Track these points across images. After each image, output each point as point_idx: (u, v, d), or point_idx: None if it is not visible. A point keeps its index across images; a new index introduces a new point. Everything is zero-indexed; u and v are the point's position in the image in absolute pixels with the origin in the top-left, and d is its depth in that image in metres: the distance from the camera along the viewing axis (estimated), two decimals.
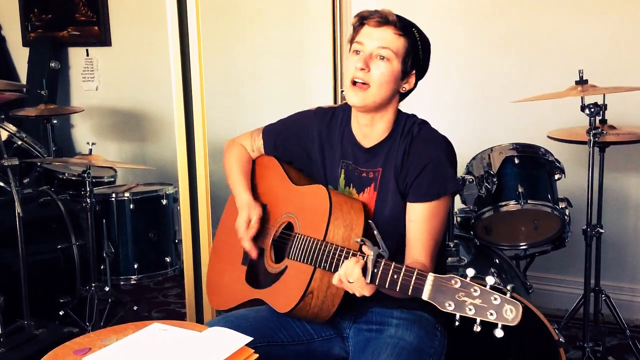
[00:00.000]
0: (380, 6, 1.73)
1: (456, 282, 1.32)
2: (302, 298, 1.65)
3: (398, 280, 1.42)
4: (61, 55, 4.83)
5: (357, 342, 1.78)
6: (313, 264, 1.65)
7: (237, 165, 2.02)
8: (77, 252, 3.17)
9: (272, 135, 1.98)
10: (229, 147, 2.08)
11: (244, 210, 1.91)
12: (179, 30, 2.36)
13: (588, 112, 2.52)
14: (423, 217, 1.67)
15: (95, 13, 4.64)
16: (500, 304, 1.26)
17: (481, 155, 2.72)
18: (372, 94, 1.68)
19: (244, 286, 1.88)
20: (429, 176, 1.67)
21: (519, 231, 2.75)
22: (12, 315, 2.72)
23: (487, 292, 1.28)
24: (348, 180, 1.81)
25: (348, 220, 1.67)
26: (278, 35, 4.03)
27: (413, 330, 1.72)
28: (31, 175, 3.67)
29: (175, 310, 3.53)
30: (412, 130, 1.75)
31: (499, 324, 1.26)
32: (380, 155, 1.76)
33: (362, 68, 1.67)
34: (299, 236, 1.73)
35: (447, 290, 1.32)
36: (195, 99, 2.39)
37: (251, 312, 1.84)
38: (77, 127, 4.92)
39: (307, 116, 1.93)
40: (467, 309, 1.28)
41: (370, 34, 1.68)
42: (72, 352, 1.57)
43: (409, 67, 1.70)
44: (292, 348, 1.79)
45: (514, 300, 1.26)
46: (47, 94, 4.04)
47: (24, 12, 4.92)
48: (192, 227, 2.47)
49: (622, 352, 2.92)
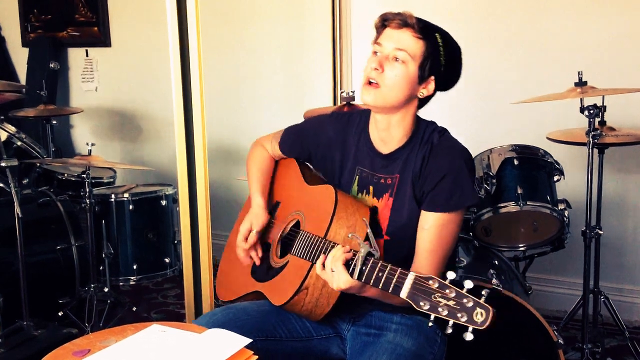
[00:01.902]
0: (381, 7, 1.73)
1: (434, 282, 1.34)
2: (296, 293, 1.67)
3: (382, 278, 1.44)
4: (61, 56, 4.83)
5: (354, 345, 1.78)
6: (311, 260, 1.66)
7: (256, 166, 2.05)
8: (77, 252, 3.16)
9: (288, 141, 2.01)
10: (252, 148, 2.12)
11: (249, 218, 1.93)
12: (178, 30, 2.35)
13: (587, 114, 2.52)
14: (435, 227, 1.66)
15: (95, 14, 4.64)
16: (472, 307, 1.28)
17: (480, 157, 2.73)
18: (383, 95, 1.67)
19: (248, 279, 1.91)
20: (448, 187, 1.66)
21: (518, 232, 2.75)
22: (11, 316, 2.72)
23: (461, 295, 1.30)
24: (362, 186, 1.80)
25: (352, 222, 1.68)
26: (278, 35, 4.03)
27: (412, 336, 1.71)
28: (30, 175, 3.67)
29: (175, 311, 3.53)
30: (432, 138, 1.73)
31: (470, 327, 1.28)
32: (398, 162, 1.75)
33: (376, 68, 1.67)
34: (303, 233, 1.75)
35: (425, 290, 1.35)
36: (194, 99, 2.39)
37: (253, 305, 1.85)
38: (77, 128, 4.92)
39: (325, 119, 1.93)
40: (440, 309, 1.31)
41: (390, 36, 1.67)
42: (71, 353, 1.57)
43: (426, 71, 1.67)
44: (290, 344, 1.80)
45: (485, 305, 1.28)
46: (46, 95, 4.03)
47: (23, 12, 4.92)
48: (192, 228, 2.47)
49: (621, 354, 2.92)
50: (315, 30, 3.81)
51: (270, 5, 4.04)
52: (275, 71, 4.08)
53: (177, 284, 3.78)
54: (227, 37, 4.13)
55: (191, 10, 2.33)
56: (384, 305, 1.70)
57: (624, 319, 2.90)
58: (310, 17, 3.89)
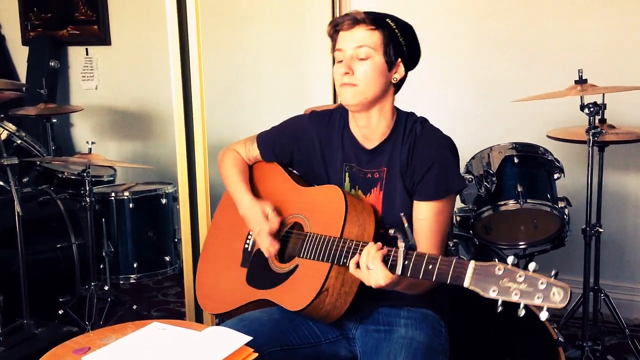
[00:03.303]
0: (380, 6, 1.73)
1: (499, 269, 1.32)
2: (317, 295, 1.65)
3: (434, 270, 1.42)
4: (61, 54, 4.83)
5: (366, 343, 1.76)
6: (330, 261, 1.65)
7: (234, 170, 1.99)
8: (77, 251, 3.16)
9: (270, 144, 1.96)
10: (224, 154, 2.05)
11: (255, 208, 1.87)
12: (178, 29, 2.36)
13: (587, 112, 2.52)
14: (431, 215, 1.69)
15: (95, 12, 4.64)
16: (548, 287, 1.27)
17: (480, 155, 2.73)
18: (360, 91, 1.69)
19: (245, 288, 1.86)
20: (436, 175, 1.68)
21: (518, 230, 2.75)
22: (11, 314, 2.73)
23: (532, 277, 1.29)
24: (353, 182, 1.81)
25: (361, 220, 1.69)
26: (278, 34, 4.03)
27: (422, 329, 1.72)
28: (31, 174, 3.68)
29: (175, 309, 3.53)
30: (415, 128, 1.75)
31: (545, 306, 1.27)
32: (384, 155, 1.76)
33: (346, 72, 1.69)
34: (312, 235, 1.73)
35: (489, 278, 1.32)
36: (194, 98, 2.39)
37: (264, 314, 1.80)
38: (77, 126, 4.92)
39: (302, 121, 1.92)
40: (513, 294, 1.29)
41: (346, 38, 1.70)
42: (71, 351, 1.57)
43: (392, 56, 1.70)
44: (301, 351, 1.78)
45: (560, 283, 1.27)
46: (46, 93, 4.03)
47: (23, 11, 4.92)
48: (192, 226, 2.47)
49: (621, 352, 2.92)
50: (315, 30, 3.81)
51: (270, 5, 4.04)
52: (275, 70, 4.08)
53: (177, 282, 3.78)
54: (227, 35, 4.13)
55: (191, 9, 2.33)
56: (390, 299, 1.71)
57: (624, 316, 2.90)
58: (310, 17, 3.89)
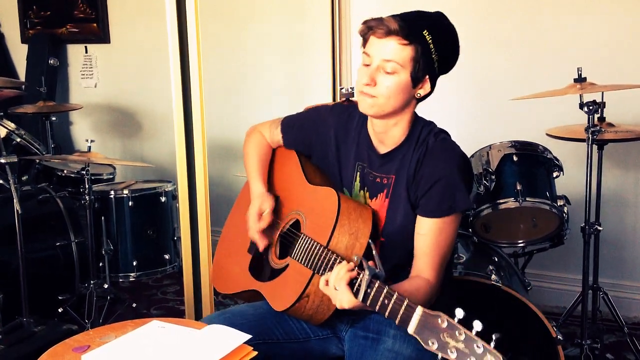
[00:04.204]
0: (380, 6, 1.71)
1: (443, 321, 1.28)
2: (297, 300, 1.65)
3: (388, 306, 1.39)
4: (60, 52, 4.83)
5: (352, 348, 1.76)
6: (312, 269, 1.64)
7: (255, 153, 2.01)
8: (76, 249, 3.16)
9: (293, 130, 1.96)
10: (249, 134, 2.07)
11: (257, 201, 1.89)
12: (178, 27, 2.35)
13: (587, 110, 2.52)
14: (431, 232, 1.65)
15: (94, 10, 4.63)
16: (482, 353, 1.23)
17: (480, 153, 2.73)
18: (379, 104, 1.65)
19: (246, 275, 1.89)
20: (439, 192, 1.64)
21: (517, 229, 2.75)
22: (11, 312, 2.72)
23: (471, 339, 1.24)
24: (363, 183, 1.79)
25: (354, 229, 1.65)
26: (277, 33, 4.02)
27: (411, 342, 1.66)
28: (30, 172, 3.67)
29: (174, 307, 3.53)
30: (428, 140, 1.70)
31: None
32: (394, 162, 1.73)
33: (368, 83, 1.64)
34: (304, 237, 1.71)
35: (433, 328, 1.29)
36: (194, 96, 2.39)
37: (250, 308, 1.83)
38: (76, 124, 4.92)
39: (326, 112, 1.90)
40: (449, 351, 1.26)
41: (376, 46, 1.63)
42: (71, 349, 1.57)
43: (420, 74, 1.63)
44: (288, 346, 1.78)
45: (496, 352, 1.23)
46: (45, 91, 4.04)
47: (22, 8, 4.92)
48: (191, 224, 2.47)
49: (620, 350, 2.93)
50: (315, 28, 3.81)
51: (270, 4, 4.03)
52: (274, 69, 4.07)
53: (177, 280, 3.78)
54: (227, 34, 4.13)
55: (190, 7, 2.33)
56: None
57: (623, 315, 2.90)
58: (310, 15, 3.89)
